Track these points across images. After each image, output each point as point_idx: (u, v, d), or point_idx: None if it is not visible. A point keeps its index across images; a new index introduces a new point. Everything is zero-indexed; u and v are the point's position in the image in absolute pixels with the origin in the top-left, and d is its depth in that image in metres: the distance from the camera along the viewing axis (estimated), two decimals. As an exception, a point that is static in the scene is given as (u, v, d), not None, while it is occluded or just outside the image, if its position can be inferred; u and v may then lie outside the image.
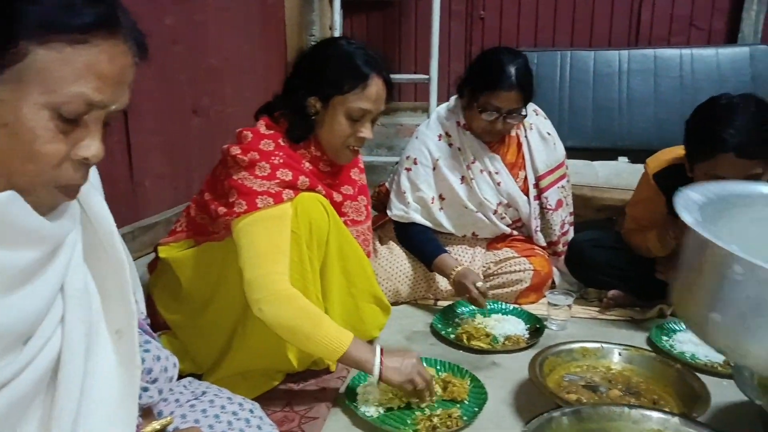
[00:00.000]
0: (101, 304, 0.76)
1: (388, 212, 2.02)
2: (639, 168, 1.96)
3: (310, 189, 1.40)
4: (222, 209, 1.36)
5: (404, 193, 1.98)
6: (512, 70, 1.80)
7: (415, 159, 1.98)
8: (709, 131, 1.50)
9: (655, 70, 2.99)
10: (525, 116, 1.92)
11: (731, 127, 1.46)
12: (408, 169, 1.99)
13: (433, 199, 1.97)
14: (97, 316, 0.75)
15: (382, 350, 1.29)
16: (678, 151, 1.78)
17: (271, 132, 1.40)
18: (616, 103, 3.00)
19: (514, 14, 3.22)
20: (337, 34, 2.96)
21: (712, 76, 2.89)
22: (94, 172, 0.86)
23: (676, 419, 1.07)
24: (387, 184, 2.13)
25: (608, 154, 2.99)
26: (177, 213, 1.99)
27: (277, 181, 1.33)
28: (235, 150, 1.36)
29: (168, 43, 1.96)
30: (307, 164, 1.43)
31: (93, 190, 0.79)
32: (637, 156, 2.92)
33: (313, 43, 3.27)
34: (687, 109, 2.85)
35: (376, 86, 1.39)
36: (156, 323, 1.47)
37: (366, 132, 1.42)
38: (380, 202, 2.18)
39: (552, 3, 3.19)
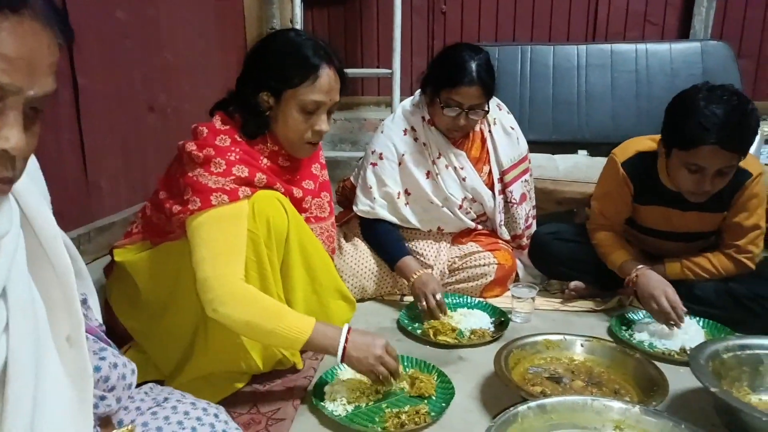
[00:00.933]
0: (47, 313, 0.73)
1: (354, 208, 2.01)
2: (598, 161, 2.00)
3: (268, 186, 1.37)
4: (177, 207, 1.32)
5: (370, 188, 1.97)
6: (473, 65, 1.81)
7: (381, 154, 1.98)
8: (694, 122, 1.51)
9: (612, 65, 3.05)
10: (487, 112, 1.94)
11: (716, 119, 1.48)
12: (374, 164, 1.98)
13: (399, 194, 1.97)
14: (44, 326, 0.72)
15: (349, 329, 1.28)
16: (644, 142, 1.83)
17: (227, 127, 1.37)
18: (575, 97, 3.06)
19: (475, 9, 3.24)
20: (298, 27, 2.91)
21: (666, 70, 2.97)
22: (37, 174, 0.82)
23: (636, 409, 1.10)
24: (352, 179, 2.11)
25: (568, 147, 3.05)
26: (134, 212, 1.93)
27: (233, 177, 1.30)
28: (191, 146, 1.33)
29: (119, 38, 1.89)
30: (265, 160, 1.40)
31: (33, 192, 0.75)
32: (596, 149, 3.00)
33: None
34: (642, 102, 2.98)
35: (327, 77, 1.36)
36: (116, 332, 1.42)
37: (322, 125, 1.39)
38: (345, 197, 2.17)
39: (512, -2, 3.22)
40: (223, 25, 2.72)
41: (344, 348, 1.25)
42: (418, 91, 2.04)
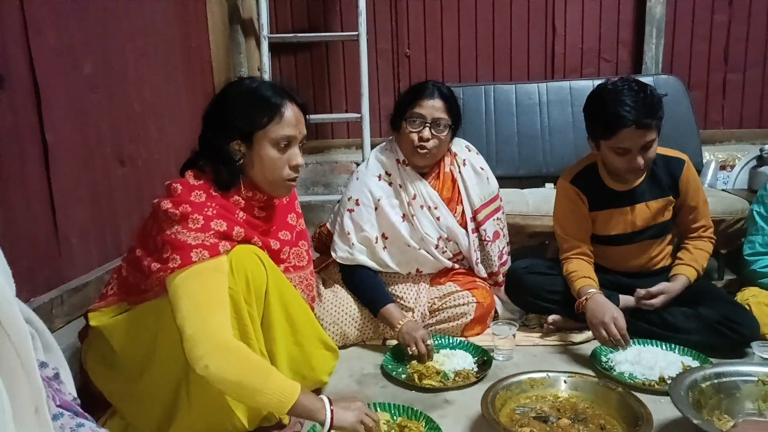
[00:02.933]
0: (6, 385, 0.71)
1: (333, 254, 2.01)
2: (563, 193, 2.09)
3: (246, 240, 1.38)
4: (156, 265, 1.30)
5: (348, 234, 1.98)
6: (433, 85, 1.97)
7: (357, 200, 2.00)
8: (608, 112, 1.74)
9: (571, 100, 3.17)
10: (453, 130, 2.00)
11: (626, 105, 1.71)
12: (351, 210, 2.00)
13: (376, 238, 1.99)
14: (5, 405, 0.69)
15: (331, 401, 1.28)
16: (581, 161, 2.03)
17: (201, 182, 1.38)
18: (539, 132, 3.16)
19: (438, 51, 3.34)
20: (265, 76, 2.94)
21: (622, 104, 3.10)
22: None
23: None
24: (328, 225, 2.12)
25: (535, 181, 3.13)
26: (107, 270, 1.89)
27: (212, 232, 1.30)
28: (166, 204, 1.32)
29: (86, 92, 1.88)
30: (241, 213, 1.41)
31: None
32: (562, 181, 3.09)
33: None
34: (603, 135, 3.08)
35: (291, 111, 1.41)
36: (93, 396, 1.38)
37: (298, 158, 1.43)
38: (321, 243, 2.17)
39: (473, 40, 3.33)
40: (191, 73, 2.73)
41: (330, 409, 1.24)
42: (389, 138, 2.10)
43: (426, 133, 1.93)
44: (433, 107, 1.93)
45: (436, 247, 2.03)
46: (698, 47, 3.27)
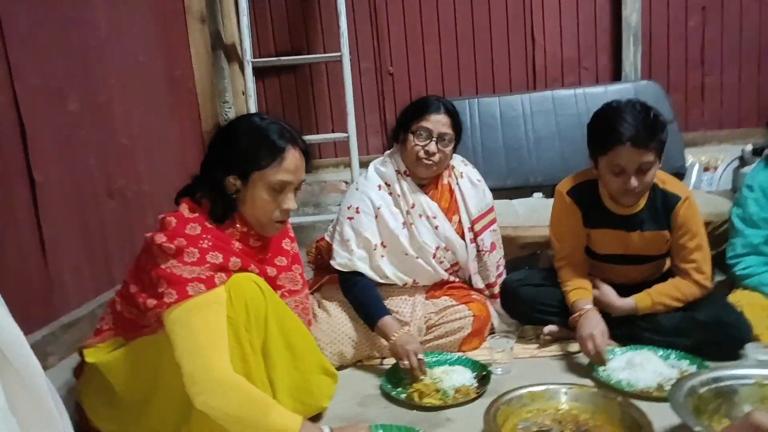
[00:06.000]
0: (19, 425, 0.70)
1: (332, 262, 2.01)
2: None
3: (243, 269, 1.37)
4: (151, 301, 1.29)
5: (348, 241, 1.99)
6: (438, 100, 2.02)
7: (357, 208, 2.02)
8: (607, 128, 1.76)
9: (555, 109, 3.22)
10: (456, 143, 2.05)
11: (625, 122, 1.72)
12: (350, 218, 2.02)
13: (376, 246, 2.00)
14: None
15: (331, 430, 1.28)
16: (582, 174, 2.01)
17: (195, 215, 1.37)
18: (524, 142, 3.20)
19: (421, 68, 3.38)
20: (251, 100, 2.96)
21: (604, 111, 3.14)
22: None
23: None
24: (327, 238, 2.13)
25: (523, 191, 3.16)
26: (100, 303, 1.88)
27: (208, 265, 1.30)
28: (160, 238, 1.31)
29: (73, 129, 1.88)
30: (237, 243, 1.41)
31: None
32: (549, 190, 3.11)
33: (227, 110, 3.26)
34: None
35: (293, 158, 1.40)
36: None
37: (290, 203, 1.43)
38: (320, 256, 2.18)
39: (454, 55, 3.38)
40: (176, 101, 2.74)
41: None
42: (388, 152, 2.13)
43: (432, 147, 1.98)
44: (439, 122, 1.97)
45: (434, 256, 2.05)
46: (675, 52, 3.34)
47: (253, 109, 3.00)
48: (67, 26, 1.89)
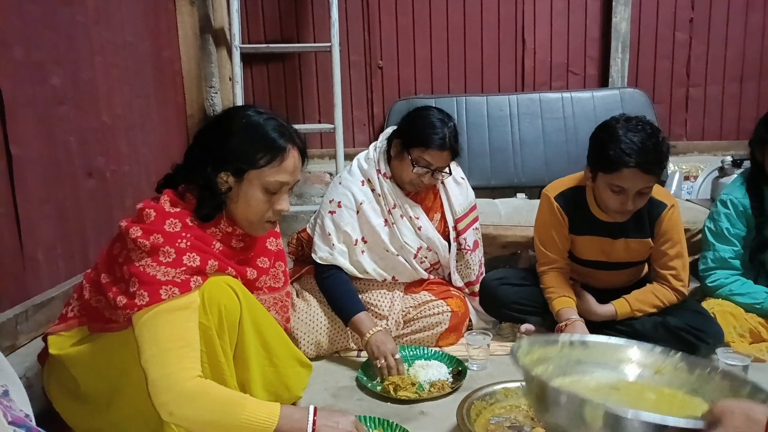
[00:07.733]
0: None
1: (313, 255, 2.00)
2: (536, 204, 2.11)
3: (220, 271, 1.30)
4: (122, 299, 1.22)
5: (329, 235, 1.98)
6: (446, 131, 1.92)
7: (339, 202, 2.00)
8: (616, 148, 1.69)
9: (541, 113, 3.25)
10: (450, 174, 2.04)
11: (634, 146, 1.67)
12: (332, 212, 2.00)
13: (356, 241, 1.99)
14: None
15: (315, 410, 1.24)
16: (570, 179, 2.00)
17: (177, 210, 1.28)
18: (510, 143, 3.22)
19: (411, 64, 3.38)
20: (237, 86, 2.92)
21: (589, 117, 3.18)
22: None
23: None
24: (308, 229, 2.11)
25: (507, 191, 3.19)
26: (73, 285, 1.84)
27: (184, 268, 1.21)
28: (136, 232, 1.23)
29: (54, 104, 1.84)
30: (218, 244, 1.33)
31: None
32: (532, 191, 3.15)
33: (213, 95, 3.21)
34: (571, 146, 3.16)
35: (293, 158, 1.33)
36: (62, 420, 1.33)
37: (284, 204, 1.36)
38: (300, 247, 2.17)
39: (444, 53, 3.38)
40: (162, 84, 2.70)
41: (313, 424, 1.21)
42: (372, 145, 2.11)
43: (427, 178, 1.98)
44: (441, 158, 1.94)
45: (415, 256, 2.05)
46: (662, 63, 3.38)
47: (239, 95, 2.97)
48: (55, 0, 1.85)
